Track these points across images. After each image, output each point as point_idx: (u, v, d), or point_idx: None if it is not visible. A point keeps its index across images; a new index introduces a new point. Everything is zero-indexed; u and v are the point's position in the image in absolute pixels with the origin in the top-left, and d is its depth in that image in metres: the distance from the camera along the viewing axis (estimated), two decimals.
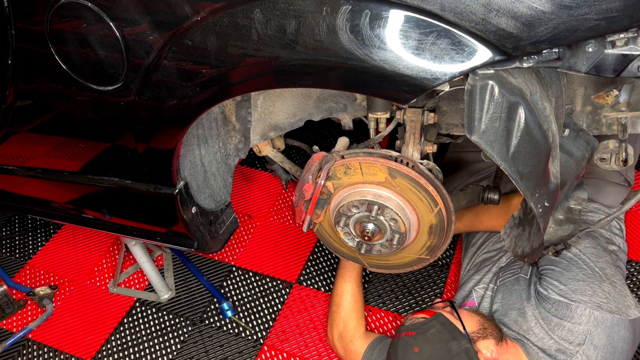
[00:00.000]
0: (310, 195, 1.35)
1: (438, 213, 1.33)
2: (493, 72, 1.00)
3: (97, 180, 1.53)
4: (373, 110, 1.37)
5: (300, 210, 1.39)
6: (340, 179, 1.35)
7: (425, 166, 1.30)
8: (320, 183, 1.33)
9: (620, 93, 1.26)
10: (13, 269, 2.19)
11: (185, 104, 1.23)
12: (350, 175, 1.34)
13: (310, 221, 1.40)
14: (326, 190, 1.37)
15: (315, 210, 1.39)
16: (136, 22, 1.16)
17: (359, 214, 1.36)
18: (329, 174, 1.35)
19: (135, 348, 1.90)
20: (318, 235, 1.56)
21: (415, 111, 1.33)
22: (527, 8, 0.92)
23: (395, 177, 1.30)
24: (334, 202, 1.40)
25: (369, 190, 1.34)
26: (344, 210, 1.37)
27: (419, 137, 1.34)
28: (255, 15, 1.05)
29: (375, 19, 0.99)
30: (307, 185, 1.34)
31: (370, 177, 1.32)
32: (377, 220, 1.34)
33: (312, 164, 1.37)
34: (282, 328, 1.92)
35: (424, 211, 1.34)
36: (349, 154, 1.34)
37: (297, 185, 1.41)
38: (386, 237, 1.37)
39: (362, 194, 1.34)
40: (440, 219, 1.34)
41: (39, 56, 1.30)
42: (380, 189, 1.33)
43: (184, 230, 1.54)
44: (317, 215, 1.41)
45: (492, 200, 1.50)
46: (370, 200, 1.33)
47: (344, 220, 1.39)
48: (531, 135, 1.06)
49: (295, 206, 1.41)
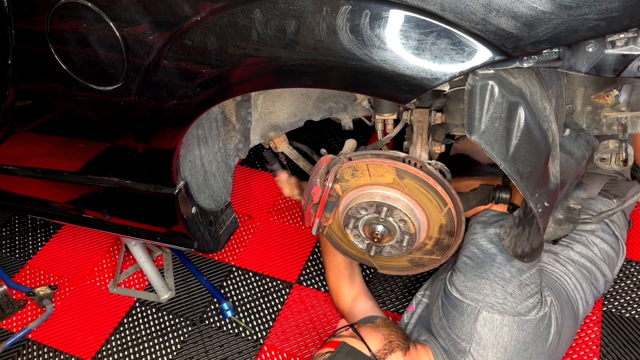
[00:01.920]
0: (319, 199, 1.34)
1: (447, 213, 1.32)
2: (493, 72, 1.00)
3: (97, 180, 1.53)
4: (380, 111, 1.36)
5: (309, 214, 1.39)
6: (348, 181, 1.35)
7: (433, 166, 1.29)
8: (328, 186, 1.33)
9: (620, 93, 1.27)
10: (13, 269, 2.19)
11: (185, 104, 1.23)
12: (358, 177, 1.33)
13: (319, 224, 1.39)
14: (334, 193, 1.36)
15: (324, 213, 1.39)
16: (136, 22, 1.16)
17: (368, 215, 1.35)
18: (337, 177, 1.34)
19: (135, 348, 1.90)
20: (327, 238, 1.55)
21: (422, 112, 1.32)
22: (527, 8, 0.92)
23: (403, 177, 1.29)
24: (342, 205, 1.39)
25: (377, 192, 1.33)
26: (353, 213, 1.37)
27: (426, 138, 1.34)
28: (255, 15, 1.05)
29: (375, 19, 0.99)
30: (316, 189, 1.34)
31: (378, 178, 1.32)
32: (387, 221, 1.34)
33: (319, 166, 1.37)
34: (282, 328, 1.92)
35: (433, 211, 1.33)
36: (357, 155, 1.34)
37: (305, 188, 1.40)
38: (396, 238, 1.36)
39: (371, 196, 1.33)
40: (450, 218, 1.33)
41: (38, 56, 1.30)
42: (389, 190, 1.32)
43: (184, 230, 1.54)
44: (326, 218, 1.40)
45: (503, 200, 1.49)
46: (379, 201, 1.32)
47: (353, 223, 1.39)
48: (531, 135, 1.06)
49: (304, 209, 1.41)
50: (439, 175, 1.29)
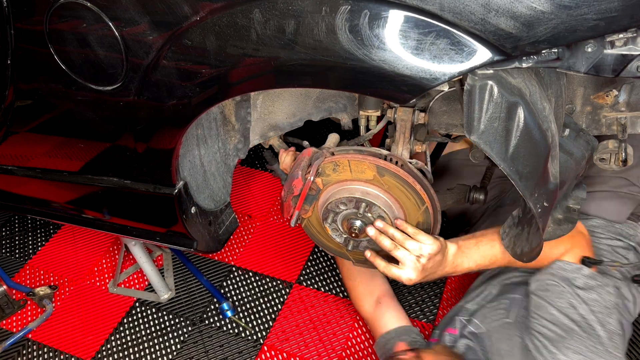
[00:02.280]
0: (299, 191, 1.36)
1: (425, 211, 1.34)
2: (492, 72, 1.00)
3: (96, 180, 1.53)
4: (364, 107, 1.38)
5: (288, 205, 1.40)
6: (329, 175, 1.36)
7: (414, 165, 1.31)
8: (309, 179, 1.34)
9: (619, 93, 1.27)
10: (13, 269, 2.19)
11: (184, 104, 1.23)
12: (339, 172, 1.35)
13: (298, 216, 1.41)
14: (315, 187, 1.38)
15: (304, 206, 1.40)
16: (135, 22, 1.16)
17: (347, 210, 1.37)
18: (319, 171, 1.35)
19: (135, 348, 1.90)
20: (306, 230, 1.56)
21: (406, 110, 1.34)
22: (527, 8, 0.92)
23: (383, 175, 1.31)
24: (322, 199, 1.41)
25: (357, 188, 1.35)
26: (332, 207, 1.39)
27: (408, 137, 1.35)
28: (254, 15, 1.05)
29: (375, 19, 0.99)
30: (297, 181, 1.35)
31: (358, 174, 1.33)
32: (365, 217, 1.36)
33: (302, 159, 1.38)
34: (282, 328, 1.92)
35: (411, 209, 1.35)
36: (339, 150, 1.35)
37: (287, 180, 1.41)
38: None
39: (351, 191, 1.35)
40: (427, 217, 1.36)
41: (38, 56, 1.30)
42: (369, 186, 1.34)
43: (184, 230, 1.54)
44: (306, 211, 1.42)
45: (477, 200, 1.51)
46: (358, 197, 1.34)
47: (332, 217, 1.40)
48: (530, 135, 1.06)
49: (284, 201, 1.42)
50: (419, 174, 1.31)
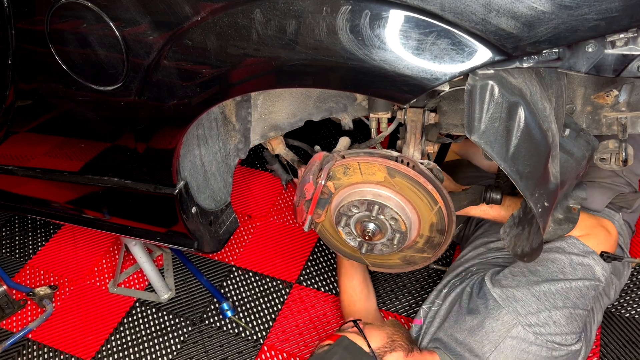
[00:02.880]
0: (311, 195, 1.35)
1: (438, 211, 1.33)
2: (493, 72, 1.00)
3: (97, 180, 1.53)
4: (374, 110, 1.37)
5: (301, 210, 1.40)
6: (340, 179, 1.36)
7: (425, 166, 1.30)
8: (320, 183, 1.34)
9: (620, 93, 1.27)
10: (13, 269, 2.19)
11: (185, 104, 1.23)
12: (349, 175, 1.34)
13: (311, 221, 1.40)
14: (327, 190, 1.37)
15: (317, 210, 1.40)
16: (136, 22, 1.16)
17: (360, 213, 1.36)
18: (330, 174, 1.35)
19: (135, 348, 1.90)
20: (320, 235, 1.56)
21: (416, 111, 1.33)
22: (527, 8, 0.92)
23: (394, 176, 1.30)
24: (334, 202, 1.40)
25: (368, 190, 1.34)
26: (345, 210, 1.38)
27: (419, 137, 1.34)
28: (255, 16, 1.06)
29: (375, 19, 0.99)
30: (308, 185, 1.35)
31: (369, 176, 1.32)
32: (378, 219, 1.34)
33: (312, 164, 1.37)
34: (282, 328, 1.92)
35: (424, 210, 1.34)
36: (350, 153, 1.34)
37: (298, 185, 1.41)
38: (387, 236, 1.37)
39: (362, 194, 1.34)
40: (440, 217, 1.34)
41: (39, 56, 1.30)
42: (380, 188, 1.33)
43: (184, 230, 1.54)
44: (318, 215, 1.41)
45: (494, 200, 1.49)
46: (370, 199, 1.33)
47: (345, 220, 1.40)
48: (531, 135, 1.06)
49: (297, 206, 1.41)
50: (430, 174, 1.29)
